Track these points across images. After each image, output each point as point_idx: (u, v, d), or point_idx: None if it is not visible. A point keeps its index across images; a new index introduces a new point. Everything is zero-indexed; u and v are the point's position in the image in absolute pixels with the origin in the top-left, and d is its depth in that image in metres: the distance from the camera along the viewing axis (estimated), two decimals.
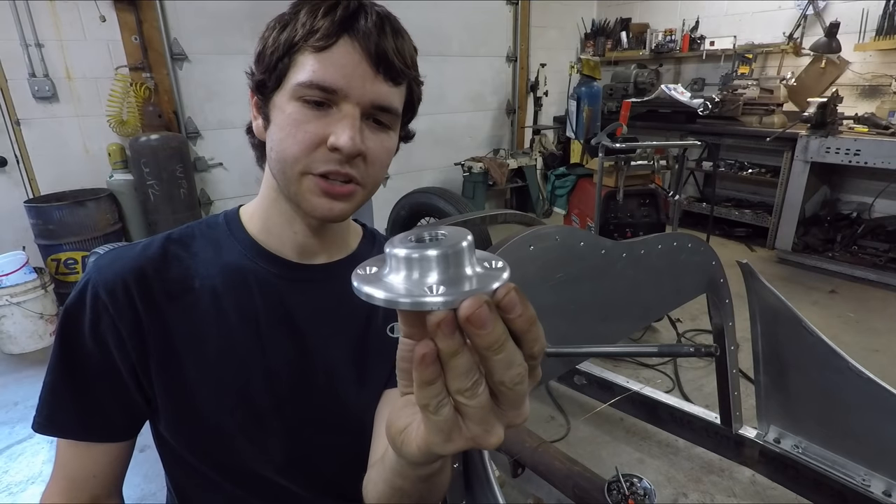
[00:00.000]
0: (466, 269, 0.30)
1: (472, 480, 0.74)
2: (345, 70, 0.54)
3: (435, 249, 0.29)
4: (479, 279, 0.29)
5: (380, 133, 0.58)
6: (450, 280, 0.29)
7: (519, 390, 0.29)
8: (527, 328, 0.29)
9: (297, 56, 0.55)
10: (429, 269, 0.29)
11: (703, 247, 1.16)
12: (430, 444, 0.31)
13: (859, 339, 2.73)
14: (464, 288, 0.28)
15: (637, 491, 1.24)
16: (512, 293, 0.28)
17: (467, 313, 0.26)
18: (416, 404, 0.31)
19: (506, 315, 0.28)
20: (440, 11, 4.27)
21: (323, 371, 0.65)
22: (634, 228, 3.08)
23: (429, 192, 3.11)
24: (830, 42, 3.74)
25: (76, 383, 0.59)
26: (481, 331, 0.27)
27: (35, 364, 2.61)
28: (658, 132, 4.32)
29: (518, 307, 0.28)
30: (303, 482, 0.67)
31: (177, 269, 0.61)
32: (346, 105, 0.55)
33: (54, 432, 0.60)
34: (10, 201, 2.92)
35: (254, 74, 0.59)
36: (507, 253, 0.76)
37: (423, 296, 0.27)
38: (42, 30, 2.83)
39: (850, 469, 1.14)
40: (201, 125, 3.43)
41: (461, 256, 0.30)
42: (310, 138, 0.55)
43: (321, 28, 0.53)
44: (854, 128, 3.47)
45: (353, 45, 0.54)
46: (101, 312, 0.57)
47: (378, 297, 0.28)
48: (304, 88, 0.54)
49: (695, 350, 0.34)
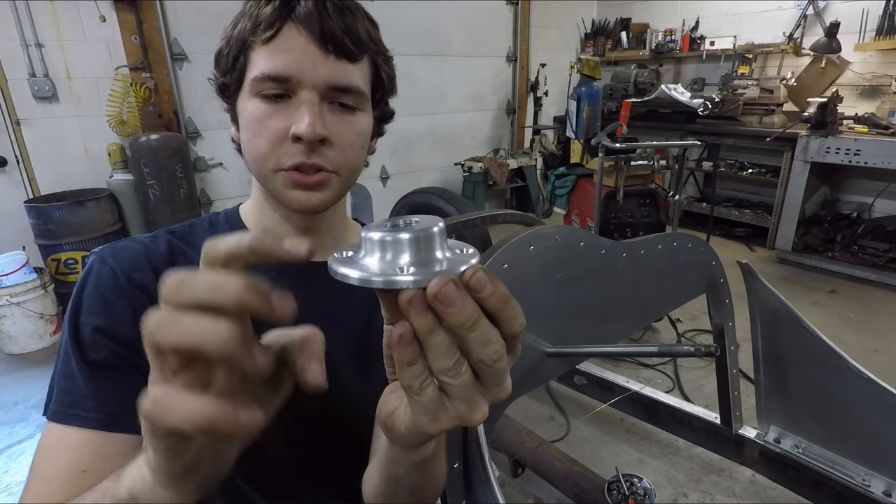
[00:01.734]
0: (437, 253, 0.31)
1: (472, 480, 0.74)
2: (293, 56, 0.53)
3: (407, 233, 0.30)
4: (450, 262, 0.31)
5: (345, 115, 0.57)
6: (420, 262, 0.30)
7: (498, 367, 0.30)
8: (500, 306, 0.29)
9: (250, 53, 0.55)
10: (401, 251, 0.30)
11: (703, 247, 1.16)
12: (417, 424, 0.32)
13: (859, 339, 2.73)
14: (434, 269, 0.29)
15: (637, 491, 1.24)
16: (479, 273, 0.29)
17: (434, 291, 0.27)
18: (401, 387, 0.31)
19: (476, 294, 0.29)
20: (440, 11, 4.27)
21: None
22: (634, 228, 3.08)
23: (429, 192, 3.12)
24: (830, 42, 3.74)
25: (92, 369, 0.54)
26: (450, 309, 0.28)
27: (35, 364, 2.61)
28: (658, 132, 4.32)
29: (488, 286, 0.29)
30: (305, 480, 0.67)
31: (183, 264, 0.61)
32: (302, 92, 0.54)
33: (75, 421, 0.53)
34: (10, 201, 2.92)
35: (216, 78, 0.59)
36: (507, 253, 0.76)
37: (394, 275, 0.29)
38: (42, 30, 2.83)
39: (850, 469, 1.13)
40: (201, 125, 3.43)
41: (432, 240, 0.31)
42: (274, 133, 0.54)
43: (264, 18, 0.53)
44: (854, 128, 3.48)
45: (298, 29, 0.53)
46: (120, 288, 0.56)
47: (353, 277, 0.30)
48: (258, 83, 0.54)
49: (695, 350, 0.34)
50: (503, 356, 0.30)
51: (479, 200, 4.30)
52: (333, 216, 0.66)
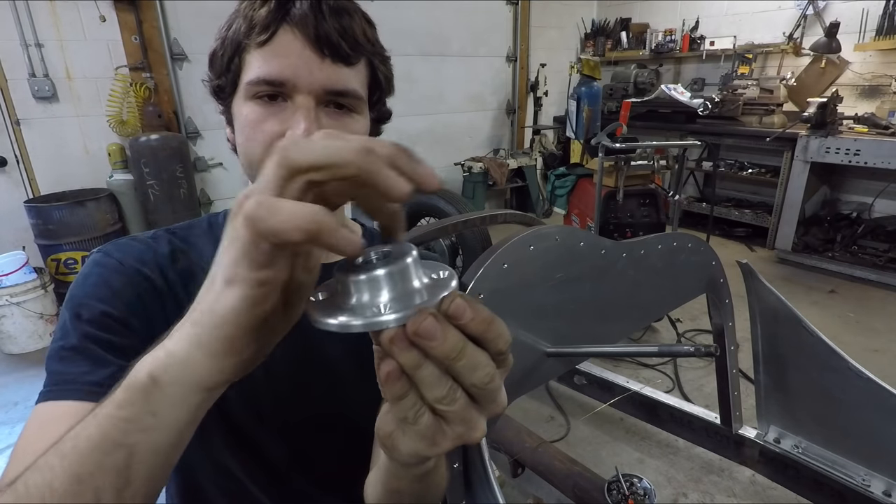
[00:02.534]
0: (414, 283, 0.30)
1: (472, 480, 0.74)
2: (289, 60, 0.52)
3: (381, 269, 0.29)
4: (428, 290, 0.30)
5: (343, 118, 0.56)
6: (398, 297, 0.29)
7: (491, 388, 0.29)
8: (483, 329, 0.29)
9: (244, 56, 0.54)
10: (377, 288, 0.29)
11: (703, 247, 1.16)
12: (416, 450, 0.31)
13: (859, 339, 2.73)
14: (414, 302, 0.28)
15: (637, 491, 1.24)
16: (457, 300, 0.28)
17: (413, 329, 0.27)
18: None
19: (457, 322, 0.28)
20: (440, 11, 4.27)
21: (323, 370, 0.65)
22: (634, 228, 3.08)
23: None
24: (830, 42, 3.74)
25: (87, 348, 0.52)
26: (432, 343, 0.27)
27: (35, 364, 2.61)
28: (658, 132, 4.32)
29: (467, 312, 0.28)
30: (306, 480, 0.67)
31: (184, 262, 0.61)
32: (298, 96, 0.53)
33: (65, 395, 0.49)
34: (10, 201, 2.92)
35: (211, 80, 0.58)
36: (507, 253, 0.76)
37: (374, 316, 0.28)
38: (42, 30, 2.83)
39: (850, 469, 1.13)
40: (201, 125, 3.43)
41: (407, 272, 0.30)
42: (269, 137, 0.54)
43: (259, 20, 0.52)
44: (854, 128, 3.48)
45: (294, 32, 0.52)
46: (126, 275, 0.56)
47: (332, 324, 0.29)
48: (253, 86, 0.53)
49: (695, 350, 0.34)
50: (494, 376, 0.29)
51: (479, 200, 4.30)
52: None
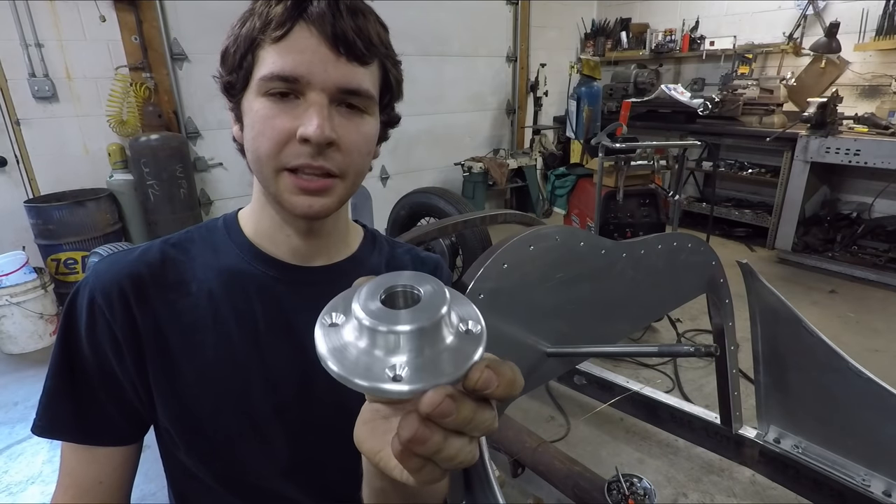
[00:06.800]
0: (438, 344, 0.26)
1: (472, 480, 0.74)
2: (304, 56, 0.52)
3: (407, 324, 0.25)
4: (452, 355, 0.26)
5: (354, 118, 0.56)
6: (418, 365, 0.25)
7: (489, 426, 0.29)
8: (506, 394, 0.27)
9: (258, 52, 0.54)
10: (395, 346, 0.25)
11: (703, 247, 1.16)
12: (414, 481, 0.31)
13: (859, 339, 2.73)
14: (432, 373, 0.25)
15: (637, 491, 1.24)
16: (486, 373, 0.26)
17: (427, 410, 0.25)
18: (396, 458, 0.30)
19: (482, 392, 0.27)
20: (440, 11, 4.27)
21: (324, 376, 0.64)
22: (634, 228, 3.08)
23: (429, 192, 3.11)
24: (830, 42, 3.74)
25: (76, 387, 0.58)
26: (445, 420, 0.26)
27: (35, 364, 2.61)
28: (658, 132, 4.32)
29: (493, 382, 0.26)
30: (305, 488, 0.66)
31: (174, 273, 0.61)
32: (311, 93, 0.53)
33: (55, 435, 0.59)
34: (10, 201, 2.92)
35: (221, 76, 0.58)
36: (507, 253, 0.76)
37: (382, 381, 0.25)
38: (42, 30, 2.83)
39: (850, 469, 1.13)
40: (201, 125, 3.43)
41: (435, 332, 0.26)
42: (279, 133, 0.53)
43: (275, 17, 0.52)
44: (854, 128, 3.48)
45: (310, 29, 0.52)
46: (98, 317, 0.57)
47: (332, 369, 0.26)
48: (266, 82, 0.53)
49: (695, 350, 0.34)
50: (495, 419, 0.29)
51: (479, 200, 4.30)
52: (335, 220, 0.65)
